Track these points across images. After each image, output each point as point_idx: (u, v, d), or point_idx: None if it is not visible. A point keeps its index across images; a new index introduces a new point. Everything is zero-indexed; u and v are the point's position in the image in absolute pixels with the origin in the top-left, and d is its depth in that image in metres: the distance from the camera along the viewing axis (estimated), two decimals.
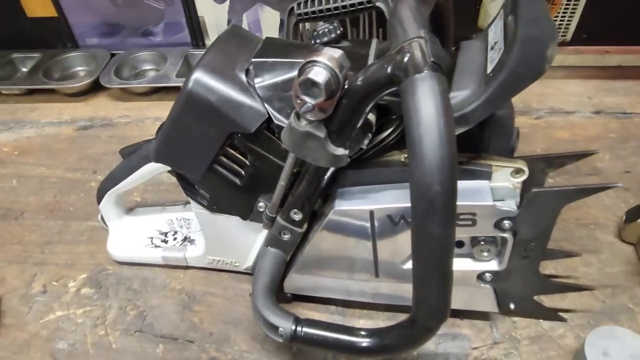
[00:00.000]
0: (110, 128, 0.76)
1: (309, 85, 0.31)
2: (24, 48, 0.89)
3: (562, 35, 0.82)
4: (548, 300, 0.47)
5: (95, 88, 0.83)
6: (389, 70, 0.30)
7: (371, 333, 0.38)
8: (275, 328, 0.40)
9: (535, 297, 0.47)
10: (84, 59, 0.87)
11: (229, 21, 0.84)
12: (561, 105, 0.74)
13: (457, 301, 0.44)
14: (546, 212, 0.38)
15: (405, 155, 0.40)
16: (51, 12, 0.85)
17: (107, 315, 0.49)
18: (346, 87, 0.32)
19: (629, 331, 0.40)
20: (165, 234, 0.55)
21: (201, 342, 0.46)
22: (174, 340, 0.47)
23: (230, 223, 0.47)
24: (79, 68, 0.87)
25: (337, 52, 0.32)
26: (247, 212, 0.45)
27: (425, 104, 0.27)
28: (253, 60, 0.40)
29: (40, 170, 0.69)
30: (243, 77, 0.40)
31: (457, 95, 0.36)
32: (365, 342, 0.37)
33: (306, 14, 0.50)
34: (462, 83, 0.37)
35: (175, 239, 0.54)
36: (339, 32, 0.43)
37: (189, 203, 0.48)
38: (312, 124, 0.34)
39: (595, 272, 0.50)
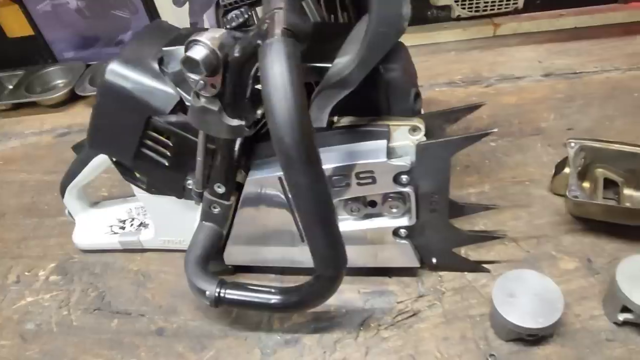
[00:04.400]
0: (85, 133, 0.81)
1: (191, 63, 0.35)
2: (8, 67, 0.95)
3: (514, 3, 0.83)
4: (475, 254, 0.49)
5: (73, 98, 0.89)
6: (254, 40, 0.33)
7: (282, 291, 0.41)
8: (203, 292, 0.43)
9: (463, 252, 0.49)
10: (62, 72, 0.93)
11: (191, 24, 0.88)
12: (512, 72, 0.75)
13: (381, 259, 0.48)
14: (437, 163, 0.40)
15: None
16: (28, 31, 0.91)
17: (70, 297, 0.54)
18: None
19: (537, 273, 0.42)
20: (124, 221, 0.59)
21: (151, 315, 0.50)
22: (128, 315, 0.51)
23: (170, 203, 0.50)
24: (58, 81, 0.93)
25: (218, 32, 0.36)
26: (180, 191, 0.49)
27: (273, 64, 0.30)
28: (163, 49, 0.44)
29: (21, 176, 0.75)
30: (156, 65, 0.43)
31: (340, 62, 0.39)
32: (275, 299, 0.41)
33: (230, 4, 0.54)
34: (346, 50, 0.39)
35: (132, 225, 0.58)
36: (246, 16, 0.47)
37: None
38: (207, 100, 0.38)
39: (524, 225, 0.51)
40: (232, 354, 0.45)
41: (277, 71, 0.30)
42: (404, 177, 0.41)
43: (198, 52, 0.34)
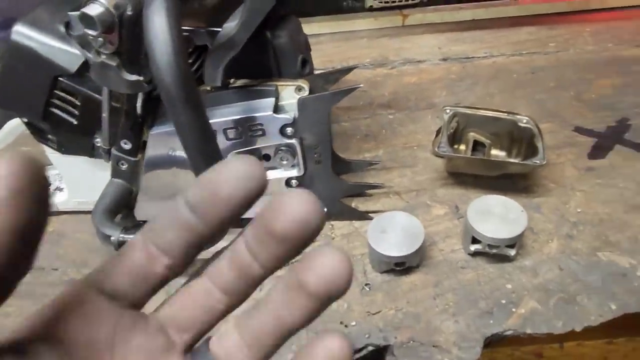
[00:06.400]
0: None
1: (87, 19, 0.39)
2: None
3: None
4: (363, 206, 0.56)
5: None
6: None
7: None
8: (108, 238, 0.47)
9: (353, 204, 0.55)
10: None
11: None
12: (414, 56, 0.83)
13: None
14: (317, 116, 0.46)
15: (209, 88, 0.48)
16: None
17: None
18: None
19: (406, 214, 0.49)
20: None
21: (64, 268, 0.53)
22: (42, 270, 0.53)
23: (82, 163, 0.53)
24: None
25: None
26: (90, 150, 0.52)
27: (154, 14, 0.35)
28: (70, 13, 0.47)
29: None
30: (62, 28, 0.47)
31: (229, 26, 0.44)
32: None
33: None
34: (235, 16, 0.45)
35: None
36: None
37: None
38: (107, 56, 0.42)
39: (407, 181, 0.59)
40: None
41: (157, 20, 0.34)
42: (289, 129, 0.46)
43: (93, 9, 0.38)
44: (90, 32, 0.39)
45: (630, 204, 0.53)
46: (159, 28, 0.34)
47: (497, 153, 0.59)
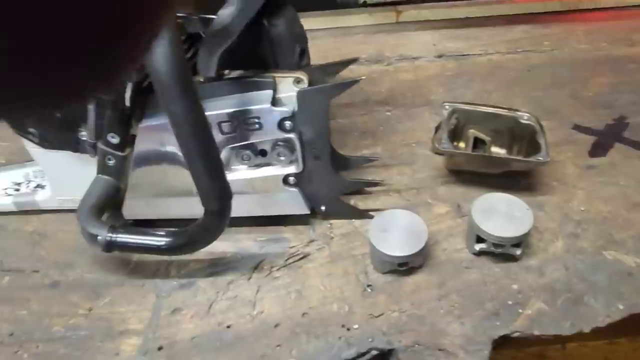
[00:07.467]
0: None
1: None
2: None
3: None
4: (363, 204, 0.54)
5: None
6: None
7: (172, 233, 0.43)
8: (95, 237, 0.44)
9: (352, 202, 0.53)
10: None
11: None
12: (410, 53, 0.82)
13: (274, 208, 0.51)
14: (316, 109, 0.44)
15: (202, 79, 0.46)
16: None
17: None
18: None
19: (407, 212, 0.47)
20: (19, 184, 0.58)
21: (46, 270, 0.50)
22: (21, 272, 0.50)
23: (66, 158, 0.50)
24: None
25: None
26: (74, 144, 0.49)
27: None
28: None
29: None
30: None
31: (224, 13, 0.41)
32: (165, 240, 0.43)
33: None
34: (230, 1, 0.42)
35: (27, 187, 0.57)
36: None
37: None
38: None
39: (407, 179, 0.57)
40: (127, 299, 0.47)
41: None
42: (288, 123, 0.44)
43: None
44: None
45: (632, 202, 0.52)
46: None
47: (497, 150, 0.58)
